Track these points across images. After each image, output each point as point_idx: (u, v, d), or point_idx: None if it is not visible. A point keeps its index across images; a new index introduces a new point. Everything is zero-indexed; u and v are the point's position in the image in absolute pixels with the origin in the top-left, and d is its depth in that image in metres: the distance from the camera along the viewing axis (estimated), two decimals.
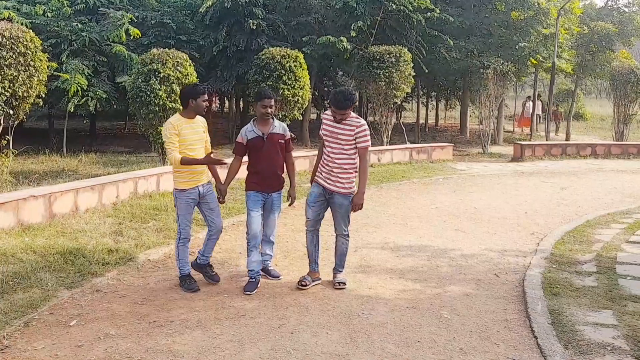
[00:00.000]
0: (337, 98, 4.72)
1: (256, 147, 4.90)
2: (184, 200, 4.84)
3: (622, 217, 8.14)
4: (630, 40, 21.19)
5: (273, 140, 4.91)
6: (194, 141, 4.84)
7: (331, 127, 4.85)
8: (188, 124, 4.83)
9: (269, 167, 4.91)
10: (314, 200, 4.96)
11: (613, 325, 4.26)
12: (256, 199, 4.92)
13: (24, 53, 8.26)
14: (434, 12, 15.79)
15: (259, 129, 4.90)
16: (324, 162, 4.90)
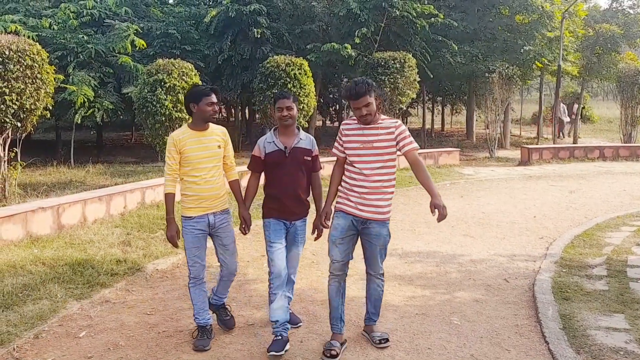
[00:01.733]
0: (350, 87, 3.78)
1: (276, 163, 3.97)
2: (189, 230, 3.96)
3: (632, 219, 8.07)
4: (635, 41, 21.12)
5: (297, 157, 3.98)
6: (202, 159, 3.91)
7: (359, 136, 3.82)
8: (195, 137, 3.92)
9: (290, 190, 3.98)
10: (341, 236, 3.87)
11: (625, 329, 4.21)
12: (278, 228, 4.00)
13: (30, 66, 8.33)
14: (438, 18, 15.82)
15: (280, 141, 3.97)
16: (351, 185, 3.84)
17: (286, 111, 3.95)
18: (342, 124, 4.02)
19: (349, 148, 3.86)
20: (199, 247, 4.00)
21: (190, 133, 3.94)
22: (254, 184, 4.11)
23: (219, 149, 4.01)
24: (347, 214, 3.86)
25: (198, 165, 3.91)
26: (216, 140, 4.01)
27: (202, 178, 3.93)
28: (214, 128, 4.04)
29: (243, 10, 15.52)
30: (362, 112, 3.74)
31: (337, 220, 3.90)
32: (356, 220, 3.86)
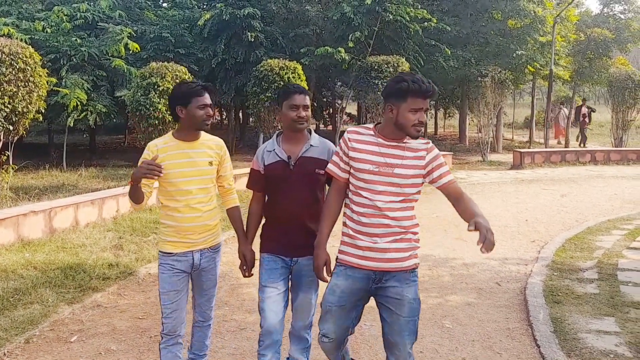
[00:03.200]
0: (419, 79, 2.63)
1: (278, 178, 3.02)
2: (167, 269, 3.04)
3: (623, 223, 8.13)
4: (626, 46, 21.35)
5: (306, 169, 2.99)
6: (187, 178, 3.00)
7: (376, 155, 2.69)
8: (180, 149, 3.02)
9: (294, 215, 2.99)
10: (339, 303, 2.77)
11: (615, 332, 4.25)
12: (274, 267, 3.03)
13: (23, 69, 8.30)
14: (431, 22, 15.90)
15: (284, 149, 3.03)
16: (358, 223, 2.72)
17: (303, 111, 2.99)
18: (347, 132, 2.81)
19: (358, 170, 2.71)
20: (177, 293, 3.05)
21: (175, 143, 3.03)
22: (257, 208, 3.16)
23: (211, 166, 3.08)
24: (354, 267, 2.73)
25: (181, 186, 2.99)
26: (207, 155, 3.08)
27: (186, 204, 3.00)
28: (206, 139, 3.12)
29: (237, 13, 15.53)
30: (420, 118, 2.62)
31: (337, 279, 2.78)
32: (366, 278, 2.72)
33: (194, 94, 2.99)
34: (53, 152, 15.53)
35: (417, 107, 2.61)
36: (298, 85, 3.11)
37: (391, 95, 2.68)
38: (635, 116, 18.25)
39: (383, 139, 2.72)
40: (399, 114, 2.64)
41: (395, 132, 2.70)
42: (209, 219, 3.09)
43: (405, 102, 2.61)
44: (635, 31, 21.26)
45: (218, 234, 3.20)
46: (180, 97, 3.01)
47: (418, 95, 2.60)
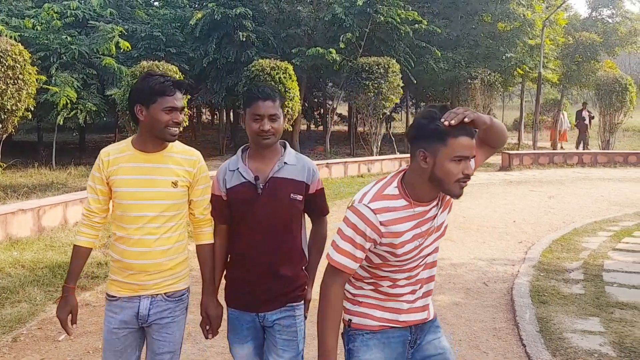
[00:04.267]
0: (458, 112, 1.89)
1: (241, 204, 2.39)
2: (107, 318, 2.40)
3: (609, 225, 8.24)
4: (614, 50, 21.57)
5: (277, 193, 2.38)
6: (140, 201, 2.31)
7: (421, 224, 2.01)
8: (137, 161, 2.34)
9: (261, 251, 2.39)
10: None
11: (600, 332, 4.31)
12: (237, 326, 2.46)
13: (12, 66, 8.26)
14: (422, 24, 16.00)
15: (250, 167, 2.41)
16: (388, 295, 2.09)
17: (268, 122, 2.34)
18: (362, 210, 1.95)
19: (398, 257, 2.00)
20: (119, 354, 2.37)
21: (130, 154, 2.35)
22: (221, 244, 2.49)
23: (174, 188, 2.34)
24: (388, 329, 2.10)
25: (130, 211, 2.30)
26: (173, 173, 2.35)
27: (132, 234, 2.31)
28: (175, 151, 2.39)
29: (229, 13, 15.52)
30: (465, 170, 1.89)
31: (367, 353, 2.10)
32: (401, 340, 2.12)
33: (160, 92, 2.27)
34: (42, 151, 15.43)
35: (461, 153, 1.86)
36: (265, 89, 2.40)
37: (423, 137, 1.91)
38: (622, 119, 18.47)
39: (421, 206, 1.98)
40: (435, 164, 1.88)
41: (431, 190, 1.97)
42: (164, 257, 2.33)
43: (445, 146, 1.85)
44: (622, 35, 21.51)
45: (181, 277, 2.42)
46: (142, 93, 2.30)
47: (461, 134, 1.85)
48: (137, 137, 2.39)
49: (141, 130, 2.35)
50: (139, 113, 2.32)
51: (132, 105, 2.34)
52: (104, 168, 2.34)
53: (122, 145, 2.40)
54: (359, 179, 12.46)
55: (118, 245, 2.36)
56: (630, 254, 6.52)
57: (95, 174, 2.37)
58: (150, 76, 2.34)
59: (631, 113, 18.52)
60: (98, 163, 2.36)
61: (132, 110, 2.35)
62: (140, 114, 2.31)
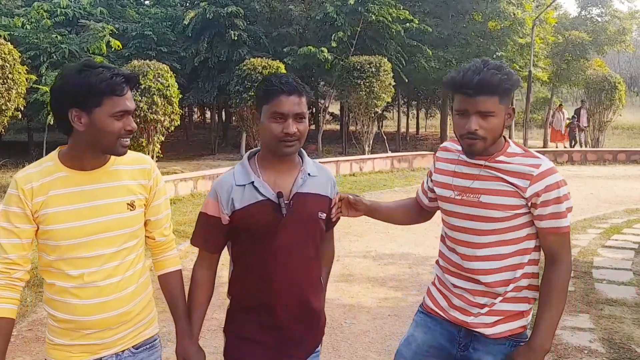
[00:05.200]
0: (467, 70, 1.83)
1: (262, 229, 1.86)
2: None
3: (598, 222, 8.31)
4: (603, 49, 21.75)
5: (305, 213, 1.90)
6: (85, 241, 1.74)
7: (456, 177, 1.97)
8: (71, 186, 1.75)
9: (296, 285, 1.91)
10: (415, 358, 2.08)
11: (590, 329, 4.35)
12: None
13: (2, 66, 8.20)
14: (413, 23, 16.05)
15: (268, 182, 1.88)
16: (443, 267, 2.06)
17: (293, 124, 1.82)
18: (440, 147, 2.14)
19: (440, 197, 2.02)
20: None
21: (63, 176, 1.74)
22: (206, 278, 1.98)
23: (132, 211, 1.80)
24: (435, 317, 2.06)
25: (75, 253, 1.73)
26: (126, 191, 1.80)
27: (85, 282, 1.73)
28: (122, 161, 1.83)
29: (220, 12, 15.49)
30: (471, 126, 1.82)
31: (415, 329, 2.14)
32: (450, 333, 2.00)
33: (107, 91, 1.66)
34: (33, 151, 15.33)
35: (461, 107, 1.87)
36: (289, 80, 1.83)
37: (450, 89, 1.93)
38: (612, 117, 18.62)
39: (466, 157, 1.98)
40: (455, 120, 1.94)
41: None
42: (131, 302, 1.81)
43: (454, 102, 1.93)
44: (611, 34, 21.69)
45: (151, 321, 1.95)
46: (80, 93, 1.65)
47: (456, 90, 1.87)
48: (67, 152, 1.75)
49: (75, 142, 1.72)
50: (75, 120, 1.67)
51: (62, 110, 1.68)
52: (27, 200, 1.69)
53: (45, 165, 1.74)
54: (351, 177, 12.49)
55: (62, 300, 1.73)
56: (619, 251, 6.59)
57: (12, 210, 1.68)
58: (90, 69, 1.67)
59: (620, 111, 18.68)
60: (17, 195, 1.69)
61: (59, 116, 1.70)
62: (78, 122, 1.67)
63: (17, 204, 1.71)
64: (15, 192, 1.72)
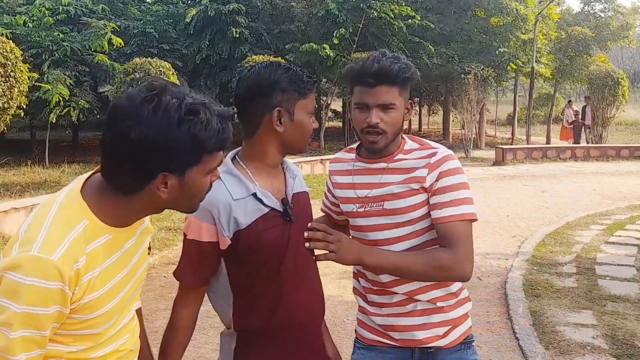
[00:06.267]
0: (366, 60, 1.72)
1: (269, 246, 1.58)
2: None
3: (601, 218, 8.29)
4: (606, 44, 21.67)
5: (305, 216, 1.71)
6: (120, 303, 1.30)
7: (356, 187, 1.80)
8: (118, 248, 1.26)
9: (315, 304, 1.75)
10: None
11: (593, 325, 4.35)
12: None
13: (4, 64, 8.20)
14: (415, 19, 16.02)
15: (266, 189, 1.61)
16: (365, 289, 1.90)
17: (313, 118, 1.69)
18: (330, 161, 1.97)
19: (345, 212, 1.86)
20: None
21: (110, 238, 1.24)
22: (191, 317, 1.68)
23: (149, 254, 1.51)
24: (379, 346, 1.87)
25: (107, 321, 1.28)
26: (147, 232, 1.43)
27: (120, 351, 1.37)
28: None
29: (222, 9, 15.48)
30: (372, 119, 1.68)
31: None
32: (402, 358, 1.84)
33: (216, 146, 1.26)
34: (35, 149, 15.36)
35: (359, 101, 1.73)
36: (306, 72, 1.65)
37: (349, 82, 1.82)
38: (615, 113, 18.56)
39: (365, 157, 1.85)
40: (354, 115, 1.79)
41: None
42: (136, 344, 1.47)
43: (353, 95, 1.77)
44: (614, 29, 21.61)
45: None
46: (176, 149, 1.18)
47: (355, 81, 1.74)
48: (112, 210, 1.23)
49: (140, 205, 1.24)
50: (160, 187, 1.20)
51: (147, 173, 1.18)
52: (72, 286, 1.13)
53: (81, 224, 1.17)
54: None
55: None
56: (622, 247, 6.57)
57: (45, 313, 1.10)
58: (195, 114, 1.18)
59: (623, 107, 18.61)
60: (59, 289, 1.11)
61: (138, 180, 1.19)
62: (164, 188, 1.20)
63: (56, 301, 1.11)
64: (56, 284, 1.09)
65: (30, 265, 1.08)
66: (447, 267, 1.64)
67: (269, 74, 1.58)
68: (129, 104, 1.15)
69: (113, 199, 1.21)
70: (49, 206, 1.18)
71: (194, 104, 1.18)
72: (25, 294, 1.07)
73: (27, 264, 1.08)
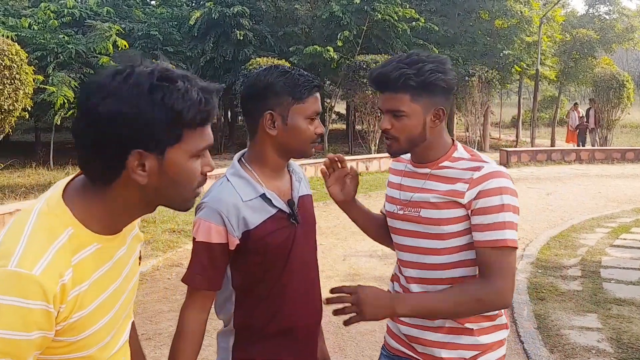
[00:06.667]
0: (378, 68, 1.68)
1: (276, 248, 1.60)
2: None
3: (606, 221, 8.26)
4: (611, 46, 21.62)
5: (310, 219, 1.75)
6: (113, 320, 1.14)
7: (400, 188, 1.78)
8: (107, 259, 1.11)
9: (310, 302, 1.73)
10: None
11: (598, 328, 4.33)
12: None
13: (9, 66, 8.24)
14: (419, 22, 16.02)
15: (274, 190, 1.63)
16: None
17: (317, 122, 1.65)
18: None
19: (387, 212, 1.82)
20: None
21: (99, 247, 1.09)
22: (201, 324, 1.63)
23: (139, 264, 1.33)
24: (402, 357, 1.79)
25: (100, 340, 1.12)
26: (137, 239, 1.27)
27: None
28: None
29: (226, 12, 15.52)
30: (382, 124, 1.67)
31: None
32: None
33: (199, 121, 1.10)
34: (40, 151, 15.41)
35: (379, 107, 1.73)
36: (309, 75, 1.63)
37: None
38: (620, 116, 18.49)
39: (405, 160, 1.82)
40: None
41: None
42: None
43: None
44: (619, 32, 21.56)
45: None
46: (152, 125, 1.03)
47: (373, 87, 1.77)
48: (96, 212, 1.09)
49: (122, 197, 1.09)
50: (136, 170, 1.05)
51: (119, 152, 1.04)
52: (58, 304, 0.99)
53: (65, 233, 1.04)
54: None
55: None
56: (627, 250, 6.54)
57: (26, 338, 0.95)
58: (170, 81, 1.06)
59: (628, 109, 18.55)
60: (41, 309, 0.96)
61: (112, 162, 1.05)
62: (141, 170, 1.06)
63: (39, 325, 0.97)
64: (38, 304, 0.95)
65: (8, 283, 0.93)
66: (487, 302, 1.57)
67: (265, 76, 1.59)
68: (99, 78, 1.04)
69: (96, 198, 1.08)
70: (26, 215, 1.03)
71: (169, 71, 1.06)
72: (3, 317, 0.92)
73: (4, 281, 0.93)
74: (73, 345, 1.05)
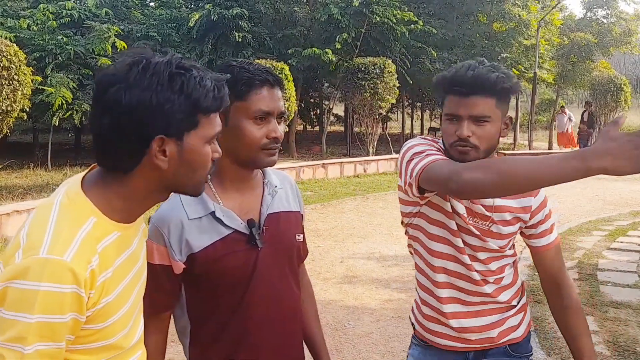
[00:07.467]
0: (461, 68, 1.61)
1: (230, 272, 1.40)
2: None
3: (603, 224, 8.28)
4: (609, 50, 21.71)
5: (282, 239, 1.48)
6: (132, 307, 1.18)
7: None
8: (127, 247, 1.15)
9: (273, 337, 1.46)
10: None
11: (594, 331, 4.33)
12: None
13: (7, 67, 8.24)
14: (418, 25, 16.06)
15: (231, 207, 1.41)
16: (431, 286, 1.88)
17: (273, 124, 1.41)
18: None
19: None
20: None
21: (120, 235, 1.13)
22: (159, 347, 1.49)
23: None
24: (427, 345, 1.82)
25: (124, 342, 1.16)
26: (143, 241, 1.28)
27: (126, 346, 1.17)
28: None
29: (225, 14, 15.53)
30: (463, 131, 1.54)
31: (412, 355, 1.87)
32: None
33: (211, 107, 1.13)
34: (38, 152, 15.39)
35: (452, 111, 1.59)
36: (264, 67, 1.43)
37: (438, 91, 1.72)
38: None
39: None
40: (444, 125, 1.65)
41: None
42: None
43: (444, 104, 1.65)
44: (617, 35, 21.65)
45: None
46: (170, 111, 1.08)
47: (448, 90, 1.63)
48: (117, 200, 1.13)
49: (142, 183, 1.13)
50: (158, 155, 1.10)
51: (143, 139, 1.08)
52: (88, 289, 1.03)
53: (89, 221, 1.08)
54: (355, 179, 12.48)
55: None
56: (624, 253, 6.56)
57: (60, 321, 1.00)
58: (187, 70, 1.11)
59: (626, 113, 18.61)
60: (73, 292, 1.00)
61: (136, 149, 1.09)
62: (162, 156, 1.10)
63: (72, 307, 1.01)
64: (70, 287, 1.00)
65: (41, 269, 0.98)
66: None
67: None
68: (115, 70, 1.09)
69: (115, 187, 1.12)
70: (49, 207, 1.08)
71: (184, 61, 1.13)
72: (40, 302, 0.97)
73: (37, 268, 0.98)
74: (98, 334, 1.09)
